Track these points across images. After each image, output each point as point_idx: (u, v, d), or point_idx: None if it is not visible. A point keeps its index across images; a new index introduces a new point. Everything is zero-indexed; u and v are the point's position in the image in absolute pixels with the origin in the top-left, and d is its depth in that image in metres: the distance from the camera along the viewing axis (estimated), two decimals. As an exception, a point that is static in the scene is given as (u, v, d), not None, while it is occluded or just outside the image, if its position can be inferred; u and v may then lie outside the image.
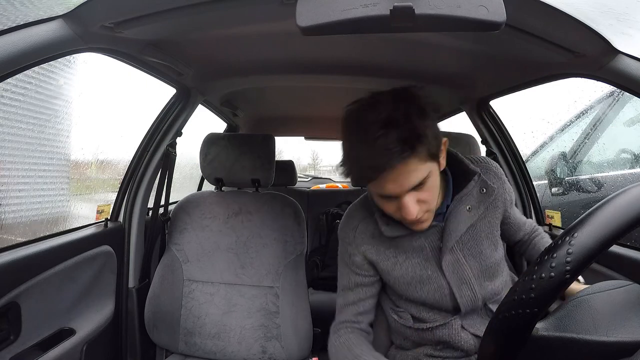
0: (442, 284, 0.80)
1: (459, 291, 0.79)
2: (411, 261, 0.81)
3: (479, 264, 0.81)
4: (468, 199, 0.80)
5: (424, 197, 0.70)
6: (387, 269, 0.83)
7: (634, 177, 1.68)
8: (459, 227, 0.79)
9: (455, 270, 0.79)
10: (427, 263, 0.81)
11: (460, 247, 0.80)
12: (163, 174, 1.34)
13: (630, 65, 0.74)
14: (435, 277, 0.80)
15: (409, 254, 0.81)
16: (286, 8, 0.71)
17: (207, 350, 1.16)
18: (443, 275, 0.79)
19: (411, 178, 0.67)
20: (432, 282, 0.80)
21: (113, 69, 1.09)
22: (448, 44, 0.99)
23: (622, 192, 0.39)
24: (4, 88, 1.19)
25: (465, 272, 0.79)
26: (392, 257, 0.82)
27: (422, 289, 0.81)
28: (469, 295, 0.79)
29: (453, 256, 0.80)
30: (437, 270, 0.80)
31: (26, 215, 1.34)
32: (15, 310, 0.87)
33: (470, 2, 0.55)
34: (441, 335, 0.82)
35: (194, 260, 1.21)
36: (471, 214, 0.80)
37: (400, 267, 0.81)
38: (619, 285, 0.48)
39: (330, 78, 1.38)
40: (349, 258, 0.86)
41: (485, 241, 0.82)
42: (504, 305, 0.40)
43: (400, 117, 0.65)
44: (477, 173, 0.81)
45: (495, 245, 0.84)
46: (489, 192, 0.82)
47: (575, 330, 0.42)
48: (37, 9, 0.69)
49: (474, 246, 0.81)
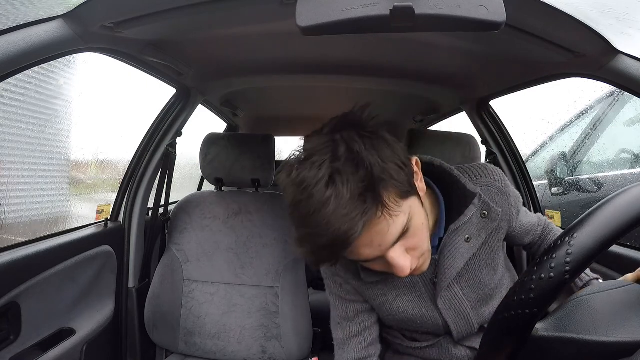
0: (437, 321, 0.74)
1: (454, 324, 0.73)
2: (402, 299, 0.72)
3: (477, 294, 0.73)
4: (466, 228, 0.67)
5: (413, 244, 0.57)
6: (377, 306, 0.75)
7: (634, 177, 1.68)
8: (455, 263, 0.68)
9: (452, 306, 0.72)
10: (420, 301, 0.72)
11: (457, 281, 0.71)
12: (163, 174, 1.34)
13: (630, 65, 0.74)
14: (431, 315, 0.73)
15: (399, 291, 0.72)
16: (286, 8, 0.71)
17: (207, 350, 1.16)
18: (439, 313, 0.73)
19: (388, 235, 0.53)
20: (427, 319, 0.74)
21: (113, 69, 1.09)
22: (448, 44, 0.99)
23: (622, 192, 0.39)
24: (4, 88, 1.19)
25: (463, 306, 0.72)
26: (381, 296, 0.73)
27: (416, 324, 0.75)
28: (464, 325, 0.74)
29: (450, 292, 0.71)
30: (433, 308, 0.73)
31: (26, 215, 1.34)
32: (15, 310, 0.87)
33: (470, 2, 0.54)
34: (432, 353, 0.79)
35: (194, 260, 1.21)
36: (470, 244, 0.68)
37: (391, 305, 0.73)
38: (619, 285, 0.48)
39: (330, 78, 1.38)
40: (339, 288, 0.77)
41: (485, 269, 0.73)
42: (503, 306, 0.41)
43: (347, 163, 0.50)
44: (477, 195, 0.68)
45: (495, 269, 0.75)
46: (492, 217, 0.69)
47: (575, 330, 0.42)
48: (37, 9, 0.69)
49: (473, 277, 0.72)
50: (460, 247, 0.68)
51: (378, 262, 0.58)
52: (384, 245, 0.54)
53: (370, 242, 0.53)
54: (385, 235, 0.53)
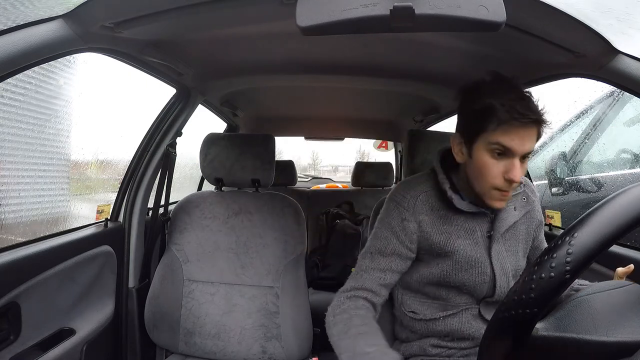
0: (486, 270, 0.83)
1: (500, 280, 0.83)
2: (462, 241, 0.84)
3: (515, 262, 0.87)
4: (514, 201, 0.87)
5: (522, 171, 0.76)
6: (440, 242, 0.84)
7: (634, 177, 1.68)
8: (508, 219, 0.85)
9: (500, 260, 0.84)
10: (476, 247, 0.84)
11: (504, 241, 0.86)
12: (163, 174, 1.34)
13: (630, 65, 0.74)
14: (483, 262, 0.84)
15: (460, 234, 0.84)
16: (286, 8, 0.71)
17: (207, 350, 1.16)
18: (490, 262, 0.84)
19: (532, 142, 0.74)
20: (478, 266, 0.83)
21: (113, 69, 1.09)
22: (448, 44, 0.99)
23: (622, 192, 0.39)
24: (4, 88, 1.19)
25: (506, 264, 0.85)
26: (446, 233, 0.84)
27: (467, 272, 0.83)
28: (505, 285, 0.84)
29: (499, 246, 0.85)
30: (486, 256, 0.84)
31: (26, 215, 1.33)
32: (15, 310, 0.87)
33: (470, 2, 0.55)
34: (453, 323, 0.85)
35: (194, 260, 1.21)
36: (516, 213, 0.87)
37: (453, 244, 0.83)
38: (619, 285, 0.48)
39: (330, 78, 1.38)
40: (400, 222, 0.85)
41: (521, 245, 0.88)
42: (504, 305, 0.41)
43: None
44: (522, 183, 0.88)
45: (524, 255, 0.91)
46: (529, 202, 0.90)
47: (575, 330, 0.42)
48: (37, 9, 0.69)
49: (514, 244, 0.87)
50: (510, 210, 0.86)
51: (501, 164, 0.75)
52: (527, 147, 0.73)
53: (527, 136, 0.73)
54: (531, 141, 0.74)
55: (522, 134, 0.72)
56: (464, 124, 0.81)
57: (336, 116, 2.27)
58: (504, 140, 0.73)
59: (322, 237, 2.25)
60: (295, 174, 2.61)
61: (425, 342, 0.87)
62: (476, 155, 0.77)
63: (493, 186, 0.76)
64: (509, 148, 0.73)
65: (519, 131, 0.72)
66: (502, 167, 0.75)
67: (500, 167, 0.75)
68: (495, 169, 0.75)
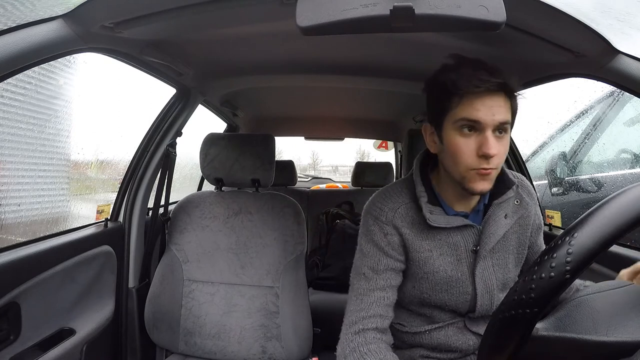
0: (467, 289, 0.79)
1: (481, 299, 0.79)
2: (444, 259, 0.78)
3: (502, 276, 0.81)
4: (505, 206, 0.80)
5: (500, 146, 0.69)
6: (420, 260, 0.79)
7: (634, 177, 1.68)
8: (497, 231, 0.78)
9: (483, 278, 0.79)
10: (458, 265, 0.79)
11: (491, 255, 0.79)
12: (163, 174, 1.34)
13: (630, 65, 0.74)
14: (464, 280, 0.79)
15: (443, 251, 0.79)
16: (286, 8, 0.71)
17: (207, 350, 1.16)
18: (472, 281, 0.78)
19: (502, 111, 0.68)
20: (459, 285, 0.79)
21: (113, 69, 1.09)
22: (448, 44, 0.99)
23: (622, 192, 0.39)
24: (4, 88, 1.19)
25: (491, 281, 0.79)
26: (427, 251, 0.79)
27: (447, 292, 0.79)
28: (487, 303, 0.79)
29: (485, 263, 0.79)
30: (468, 275, 0.79)
31: (26, 215, 1.33)
32: (15, 310, 0.87)
33: (470, 2, 0.55)
34: (440, 337, 0.82)
35: (194, 260, 1.21)
36: (507, 221, 0.80)
37: (433, 262, 0.78)
38: (619, 285, 0.48)
39: (330, 78, 1.38)
40: (383, 237, 0.79)
41: (511, 256, 0.82)
42: (504, 305, 0.40)
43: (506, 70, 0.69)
44: (515, 184, 0.81)
45: (518, 265, 0.85)
46: (523, 205, 0.83)
47: (575, 330, 0.42)
48: (37, 9, 0.69)
49: (503, 257, 0.81)
50: (500, 220, 0.79)
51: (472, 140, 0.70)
52: (496, 116, 0.68)
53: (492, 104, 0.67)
54: (500, 109, 0.68)
55: (488, 103, 0.67)
56: (430, 110, 0.77)
57: (336, 116, 2.27)
58: (469, 113, 0.68)
59: (322, 237, 2.25)
60: (295, 174, 2.61)
61: (415, 353, 0.85)
62: (446, 138, 0.72)
63: (468, 167, 0.70)
64: (476, 120, 0.68)
65: (484, 100, 0.67)
66: (474, 143, 0.69)
67: (472, 143, 0.69)
68: (466, 147, 0.69)
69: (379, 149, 4.35)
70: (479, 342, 0.82)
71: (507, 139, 0.72)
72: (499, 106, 0.68)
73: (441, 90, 0.71)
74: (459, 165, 0.71)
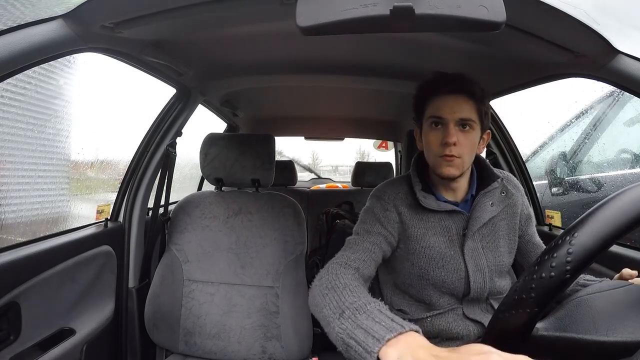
0: (460, 267, 0.88)
1: (473, 276, 0.87)
2: (438, 238, 0.89)
3: (494, 258, 0.90)
4: (491, 196, 0.92)
5: (463, 138, 0.84)
6: (416, 236, 0.90)
7: (634, 177, 1.68)
8: (483, 216, 0.89)
9: (473, 257, 0.88)
10: (450, 244, 0.89)
11: (480, 238, 0.90)
12: (163, 174, 1.34)
13: (630, 65, 0.74)
14: (456, 259, 0.88)
15: (436, 231, 0.90)
16: (286, 8, 0.71)
17: (207, 350, 1.16)
18: (463, 259, 0.88)
19: (463, 109, 0.83)
20: (452, 262, 0.88)
21: (113, 69, 1.09)
22: (448, 44, 0.99)
23: (622, 192, 0.39)
24: (4, 88, 1.19)
25: (481, 261, 0.89)
26: (423, 229, 0.90)
27: (443, 268, 0.88)
28: (480, 282, 0.88)
29: (474, 244, 0.89)
30: (459, 253, 0.89)
31: (26, 215, 1.33)
32: (15, 310, 0.87)
33: (470, 2, 0.54)
34: (441, 324, 0.89)
35: (194, 260, 1.21)
36: (493, 208, 0.91)
37: (429, 239, 0.89)
38: (619, 285, 0.48)
39: (330, 78, 1.38)
40: (382, 211, 0.91)
41: (502, 241, 0.92)
42: (504, 305, 0.41)
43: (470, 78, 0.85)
44: (500, 177, 0.93)
45: (511, 252, 0.94)
46: (509, 195, 0.95)
47: (575, 330, 0.42)
48: (37, 9, 0.69)
49: (492, 240, 0.91)
50: (487, 207, 0.91)
51: (439, 133, 0.85)
52: (457, 113, 0.83)
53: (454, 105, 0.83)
54: (461, 109, 0.83)
55: (450, 103, 0.83)
56: (415, 115, 0.94)
57: (336, 116, 2.27)
58: (435, 111, 0.85)
59: (322, 237, 2.25)
60: (295, 174, 2.61)
61: None
62: (423, 134, 0.90)
63: (436, 154, 0.85)
64: (440, 116, 0.84)
65: (447, 101, 0.84)
66: (440, 135, 0.84)
67: (438, 135, 0.85)
68: (434, 138, 0.86)
69: (379, 149, 4.35)
70: (478, 329, 0.90)
71: (473, 134, 0.85)
72: (460, 105, 0.83)
73: (418, 98, 0.92)
74: (429, 153, 0.88)
